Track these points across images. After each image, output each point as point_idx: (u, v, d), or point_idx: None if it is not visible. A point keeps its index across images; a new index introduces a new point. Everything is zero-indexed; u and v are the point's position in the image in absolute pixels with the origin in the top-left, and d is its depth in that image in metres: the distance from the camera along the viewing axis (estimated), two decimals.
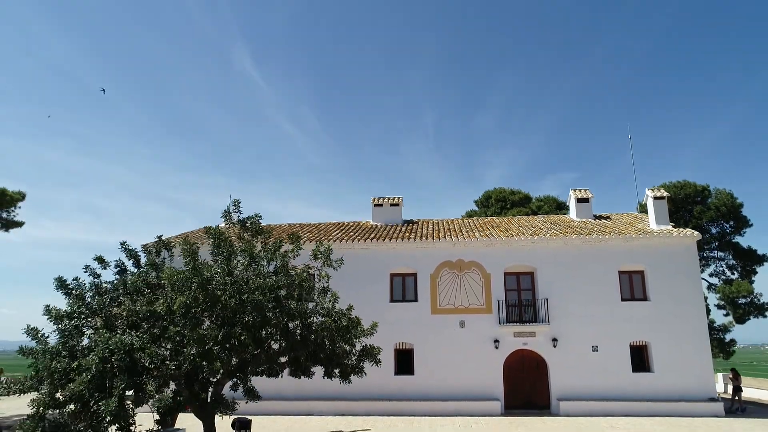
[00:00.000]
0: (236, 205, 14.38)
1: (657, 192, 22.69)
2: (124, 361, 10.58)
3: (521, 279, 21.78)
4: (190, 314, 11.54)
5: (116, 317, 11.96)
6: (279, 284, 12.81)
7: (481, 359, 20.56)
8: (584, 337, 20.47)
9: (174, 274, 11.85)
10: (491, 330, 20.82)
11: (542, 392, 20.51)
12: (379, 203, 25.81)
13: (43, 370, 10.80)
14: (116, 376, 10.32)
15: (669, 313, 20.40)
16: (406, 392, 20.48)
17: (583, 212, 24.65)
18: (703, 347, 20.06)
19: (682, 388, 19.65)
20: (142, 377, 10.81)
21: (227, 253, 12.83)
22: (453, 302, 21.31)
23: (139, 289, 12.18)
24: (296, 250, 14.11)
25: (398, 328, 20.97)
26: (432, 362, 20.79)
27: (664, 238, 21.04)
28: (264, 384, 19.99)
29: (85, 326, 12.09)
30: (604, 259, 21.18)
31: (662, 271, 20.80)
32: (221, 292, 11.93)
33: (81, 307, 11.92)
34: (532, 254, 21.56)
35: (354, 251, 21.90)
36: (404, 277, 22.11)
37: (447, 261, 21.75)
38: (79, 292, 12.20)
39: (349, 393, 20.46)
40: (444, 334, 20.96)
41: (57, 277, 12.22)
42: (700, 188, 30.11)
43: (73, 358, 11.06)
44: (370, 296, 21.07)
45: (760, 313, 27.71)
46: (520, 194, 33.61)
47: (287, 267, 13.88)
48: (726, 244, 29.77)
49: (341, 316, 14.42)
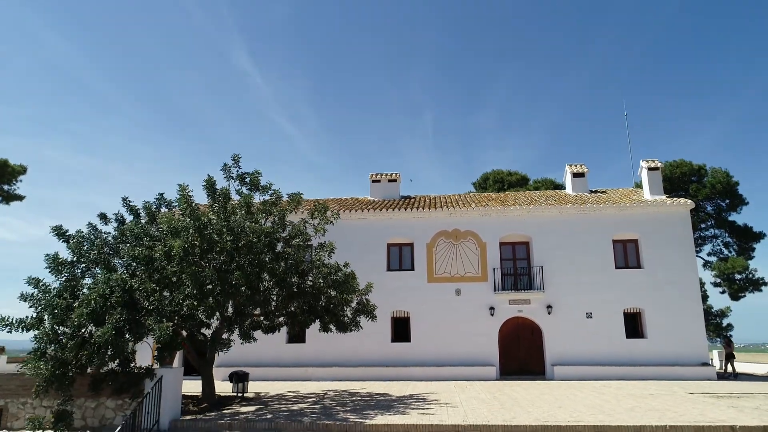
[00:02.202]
0: (236, 161, 14.58)
1: (651, 163, 22.91)
2: (122, 298, 10.84)
3: (517, 249, 22.02)
4: (188, 258, 11.80)
5: (116, 261, 12.21)
6: (275, 232, 13.06)
7: (477, 326, 20.79)
8: (579, 304, 20.70)
9: (171, 218, 12.10)
10: (487, 298, 21.06)
11: (537, 359, 20.74)
12: (377, 179, 26.00)
13: (45, 307, 11.06)
14: (114, 309, 10.57)
15: (662, 280, 20.62)
16: (403, 359, 20.73)
17: (579, 186, 24.84)
18: (696, 314, 20.27)
19: (675, 353, 19.88)
20: (140, 314, 11.07)
21: (223, 200, 13.08)
22: (449, 271, 21.55)
23: (138, 236, 12.42)
24: (294, 205, 14.36)
25: (395, 296, 21.21)
26: (428, 330, 21.02)
27: (658, 207, 21.27)
28: (262, 351, 20.48)
29: (86, 271, 12.36)
30: (599, 228, 21.41)
31: (656, 239, 21.03)
32: (218, 237, 12.18)
33: (82, 254, 12.16)
34: (528, 224, 21.79)
35: (351, 221, 22.16)
36: (401, 246, 22.36)
37: (443, 231, 21.99)
38: (78, 240, 12.43)
39: (346, 360, 20.83)
40: (440, 302, 21.19)
41: (54, 226, 12.42)
42: (696, 167, 30.26)
43: (74, 298, 11.32)
44: (367, 266, 21.23)
45: (756, 288, 27.88)
46: (518, 175, 33.84)
47: (284, 219, 14.13)
48: (722, 222, 29.94)
49: (337, 269, 14.69)
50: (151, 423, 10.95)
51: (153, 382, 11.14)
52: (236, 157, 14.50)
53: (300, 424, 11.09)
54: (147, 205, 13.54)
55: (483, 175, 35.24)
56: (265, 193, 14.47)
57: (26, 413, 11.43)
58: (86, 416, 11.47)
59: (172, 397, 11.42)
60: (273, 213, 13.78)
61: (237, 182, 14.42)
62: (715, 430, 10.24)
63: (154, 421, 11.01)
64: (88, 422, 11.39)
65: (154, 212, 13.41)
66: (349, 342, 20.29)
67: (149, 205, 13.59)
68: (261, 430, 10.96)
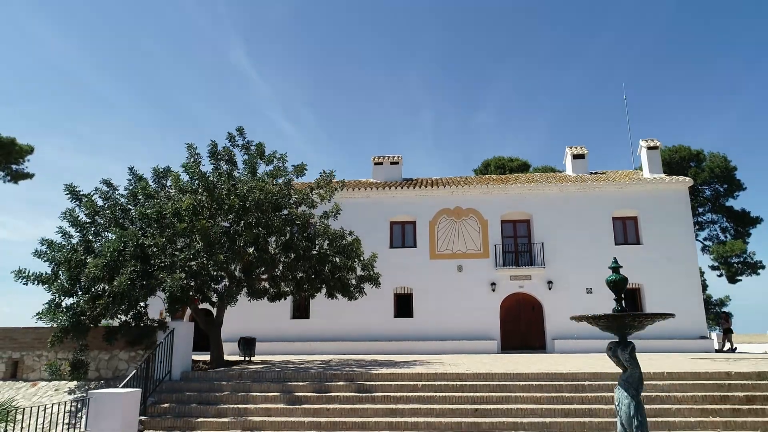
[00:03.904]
0: (240, 132, 14.92)
1: (650, 142, 23.23)
2: (135, 252, 11.16)
3: (518, 226, 22.35)
4: (197, 216, 12.12)
5: (127, 222, 12.53)
6: (282, 194, 13.39)
7: (478, 302, 21.10)
8: (579, 279, 21.01)
9: (179, 179, 12.43)
10: (488, 274, 21.38)
11: (538, 333, 21.06)
12: (380, 161, 26.27)
13: (61, 261, 11.35)
14: (128, 261, 10.89)
15: (661, 256, 20.93)
16: (406, 334, 21.04)
17: (579, 168, 25.10)
18: (694, 288, 20.60)
19: (673, 327, 20.03)
20: (153, 268, 11.40)
21: (230, 162, 13.42)
22: (451, 248, 21.87)
23: (150, 195, 12.74)
24: (299, 171, 14.67)
25: (397, 273, 21.50)
26: (430, 305, 21.34)
27: (657, 184, 21.61)
28: (267, 326, 20.81)
29: (99, 232, 12.67)
30: (599, 205, 21.73)
31: (655, 216, 21.35)
32: (225, 196, 12.50)
33: (96, 212, 12.46)
34: (529, 202, 22.11)
35: (354, 199, 22.48)
36: (403, 224, 22.68)
37: (445, 208, 22.32)
38: (91, 200, 12.73)
39: (350, 335, 21.14)
40: (442, 279, 21.51)
41: (67, 185, 12.70)
42: (694, 152, 30.62)
43: (89, 253, 11.64)
44: (370, 243, 21.45)
45: (753, 271, 28.21)
46: (518, 161, 34.16)
47: (290, 185, 14.46)
48: (719, 207, 30.28)
49: (342, 235, 15.02)
50: (163, 373, 11.29)
51: (165, 334, 11.47)
52: (240, 129, 14.85)
53: (307, 373, 11.43)
54: (156, 169, 13.85)
55: (484, 161, 35.56)
56: (270, 163, 14.80)
57: (42, 365, 11.76)
58: (100, 368, 11.80)
59: (183, 349, 11.74)
60: (279, 176, 14.11)
61: (242, 151, 14.77)
62: (711, 376, 10.58)
63: (166, 371, 11.35)
64: (102, 373, 11.72)
65: (164, 173, 13.72)
66: (353, 318, 20.65)
67: (158, 168, 13.91)
68: (270, 379, 11.29)
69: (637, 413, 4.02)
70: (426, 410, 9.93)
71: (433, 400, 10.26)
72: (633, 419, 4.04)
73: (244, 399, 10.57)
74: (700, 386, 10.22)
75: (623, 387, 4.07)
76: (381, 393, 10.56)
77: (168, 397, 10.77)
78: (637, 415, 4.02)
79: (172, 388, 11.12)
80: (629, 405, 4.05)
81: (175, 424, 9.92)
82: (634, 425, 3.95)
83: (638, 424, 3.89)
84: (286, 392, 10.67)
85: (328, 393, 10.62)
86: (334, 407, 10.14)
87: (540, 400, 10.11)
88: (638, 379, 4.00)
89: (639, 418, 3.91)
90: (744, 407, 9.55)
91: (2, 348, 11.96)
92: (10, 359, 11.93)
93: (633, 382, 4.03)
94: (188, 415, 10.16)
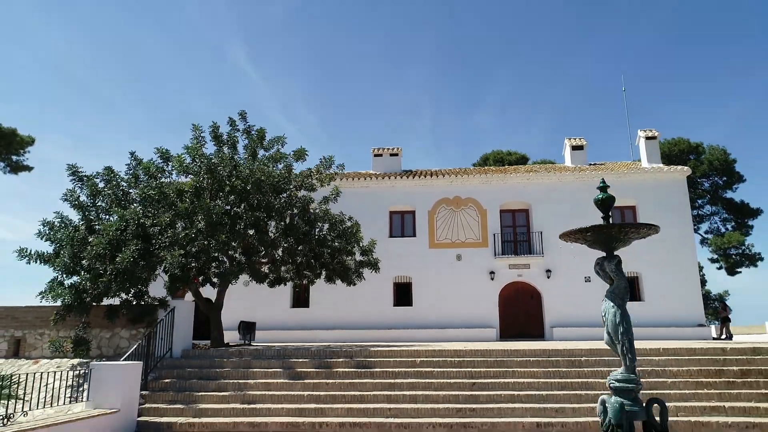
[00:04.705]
0: (242, 116, 15.03)
1: (648, 132, 23.34)
2: (136, 231, 11.26)
3: (517, 215, 22.46)
4: (200, 196, 12.22)
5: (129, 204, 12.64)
6: (282, 176, 13.50)
7: (477, 291, 21.21)
8: (577, 268, 21.07)
9: (183, 159, 12.54)
10: (487, 262, 21.49)
11: (536, 322, 21.17)
12: (379, 153, 26.35)
13: (63, 240, 11.46)
14: (130, 240, 11.00)
15: (659, 245, 20.96)
16: (405, 322, 21.15)
17: (578, 159, 25.21)
18: (692, 277, 20.71)
19: (671, 315, 20.30)
20: (154, 247, 11.50)
21: (231, 143, 13.52)
22: (450, 237, 21.98)
23: (153, 175, 12.84)
24: (299, 156, 14.77)
25: (397, 262, 21.61)
26: (429, 294, 21.45)
27: (655, 174, 21.72)
28: (268, 315, 20.91)
29: (101, 213, 12.77)
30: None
31: (653, 205, 21.45)
32: (227, 177, 12.62)
33: (98, 192, 12.56)
34: (527, 192, 22.22)
35: (354, 189, 22.60)
36: (403, 214, 22.80)
37: (444, 198, 22.43)
38: (92, 181, 12.83)
39: (350, 323, 21.26)
40: (441, 267, 21.62)
41: (69, 165, 12.79)
42: (694, 145, 30.74)
43: (91, 233, 11.75)
44: (370, 232, 21.53)
45: (752, 263, 28.32)
46: (517, 155, 34.28)
47: (290, 169, 14.57)
48: (719, 199, 30.39)
49: (341, 220, 15.13)
50: (164, 350, 11.40)
51: (166, 312, 11.57)
52: (243, 113, 14.95)
53: (308, 351, 11.54)
54: (160, 149, 13.93)
55: (483, 155, 35.69)
56: (270, 148, 14.91)
57: (44, 343, 11.87)
58: (101, 345, 11.92)
59: (184, 327, 11.86)
60: (279, 161, 14.22)
61: (243, 135, 14.89)
62: (707, 352, 10.69)
63: (167, 349, 11.46)
64: (103, 351, 11.83)
65: (166, 155, 13.81)
66: (352, 306, 20.79)
67: (162, 148, 14.02)
68: (270, 356, 11.41)
69: (622, 320, 4.20)
70: (424, 384, 10.04)
71: (431, 375, 10.37)
72: (618, 326, 4.21)
73: (245, 375, 10.68)
74: (695, 361, 10.33)
75: (610, 298, 4.26)
76: (380, 369, 10.67)
77: (169, 373, 10.87)
78: (622, 322, 4.20)
79: (172, 364, 11.23)
80: (615, 313, 4.22)
81: (176, 398, 10.03)
82: (619, 331, 4.13)
83: (623, 330, 4.08)
84: (287, 368, 10.78)
85: (328, 369, 10.73)
86: (334, 382, 10.25)
87: (537, 375, 10.22)
88: (624, 289, 4.19)
89: (624, 325, 4.10)
90: (738, 380, 9.65)
91: (4, 326, 12.07)
92: (12, 337, 12.04)
93: (619, 292, 4.21)
94: (189, 389, 10.27)
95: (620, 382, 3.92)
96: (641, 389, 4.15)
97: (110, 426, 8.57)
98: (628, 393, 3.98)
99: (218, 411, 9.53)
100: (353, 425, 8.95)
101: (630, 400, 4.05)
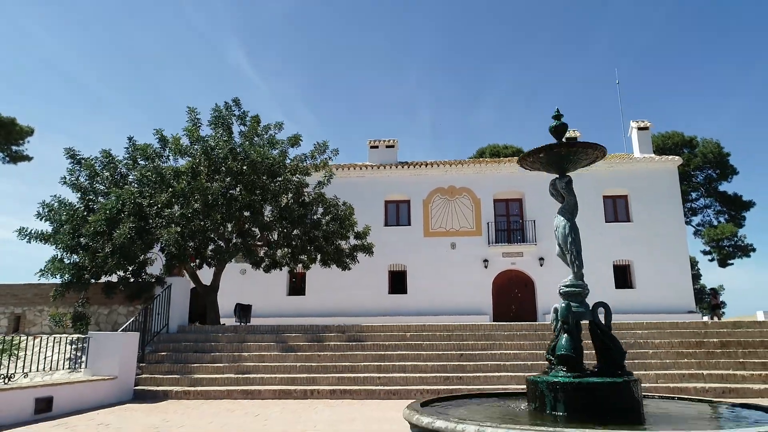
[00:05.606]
0: (237, 103, 15.27)
1: (641, 123, 23.63)
2: (133, 209, 11.53)
3: (510, 205, 22.75)
4: (196, 177, 12.49)
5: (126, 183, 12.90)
6: (276, 160, 13.75)
7: (471, 278, 21.49)
8: None
9: (179, 140, 12.80)
10: (481, 251, 21.77)
11: (529, 309, 21.45)
12: (375, 145, 26.60)
13: (63, 218, 11.72)
14: (127, 218, 11.26)
15: (650, 233, 21.33)
16: (400, 309, 21.42)
17: None
18: (683, 265, 21.00)
19: (662, 302, 20.58)
20: (151, 225, 11.77)
21: (227, 125, 13.79)
22: (444, 226, 22.27)
23: (150, 157, 13.10)
24: (294, 141, 15.03)
25: (392, 250, 21.87)
26: (424, 282, 21.72)
27: (647, 163, 22.02)
28: (264, 303, 21.17)
29: (99, 194, 13.03)
30: (590, 184, 22.06)
31: (645, 194, 21.75)
32: (222, 159, 12.88)
33: (96, 174, 12.83)
34: (520, 181, 22.47)
35: (350, 179, 22.88)
36: (398, 203, 23.08)
37: (439, 188, 22.72)
38: (90, 163, 13.08)
39: (345, 311, 21.51)
40: (436, 256, 21.89)
41: (67, 148, 13.03)
42: (687, 138, 31.01)
43: (90, 212, 12.02)
44: (365, 221, 21.79)
45: (744, 254, 28.61)
46: (513, 148, 34.55)
47: (285, 154, 14.83)
48: (712, 192, 30.68)
49: (335, 204, 15.38)
50: (160, 326, 11.68)
51: (163, 289, 11.85)
52: (236, 100, 15.20)
53: (301, 327, 11.82)
54: (159, 131, 14.16)
55: (479, 149, 36.00)
56: (265, 133, 15.15)
57: (44, 320, 12.15)
58: (99, 322, 12.20)
59: (180, 303, 12.14)
60: (275, 144, 14.47)
61: (238, 121, 15.13)
62: (689, 326, 10.98)
63: (163, 324, 11.74)
64: (101, 327, 12.11)
65: (164, 138, 14.07)
66: (348, 294, 21.07)
67: (160, 130, 14.26)
68: (265, 331, 11.69)
69: (570, 232, 4.53)
70: (413, 356, 10.33)
71: (420, 347, 10.66)
72: (567, 237, 4.54)
73: (239, 348, 10.97)
74: (677, 334, 10.63)
75: (561, 213, 4.61)
76: (371, 342, 10.96)
77: (165, 347, 11.15)
78: (570, 233, 4.53)
79: (169, 339, 11.51)
80: (565, 226, 4.53)
81: (172, 369, 10.31)
82: (568, 242, 4.47)
83: (572, 240, 4.43)
84: (280, 342, 11.07)
85: (320, 342, 11.02)
86: (326, 354, 10.54)
87: (524, 347, 10.51)
88: (573, 205, 4.54)
89: (572, 236, 4.45)
90: (718, 350, 9.95)
91: (4, 303, 12.35)
92: (12, 314, 12.32)
93: (569, 208, 4.55)
94: (184, 361, 10.55)
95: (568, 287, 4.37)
96: (588, 294, 4.55)
97: (108, 391, 8.84)
98: (575, 296, 4.39)
99: (213, 380, 9.81)
100: (343, 392, 9.23)
101: (577, 302, 4.38)
